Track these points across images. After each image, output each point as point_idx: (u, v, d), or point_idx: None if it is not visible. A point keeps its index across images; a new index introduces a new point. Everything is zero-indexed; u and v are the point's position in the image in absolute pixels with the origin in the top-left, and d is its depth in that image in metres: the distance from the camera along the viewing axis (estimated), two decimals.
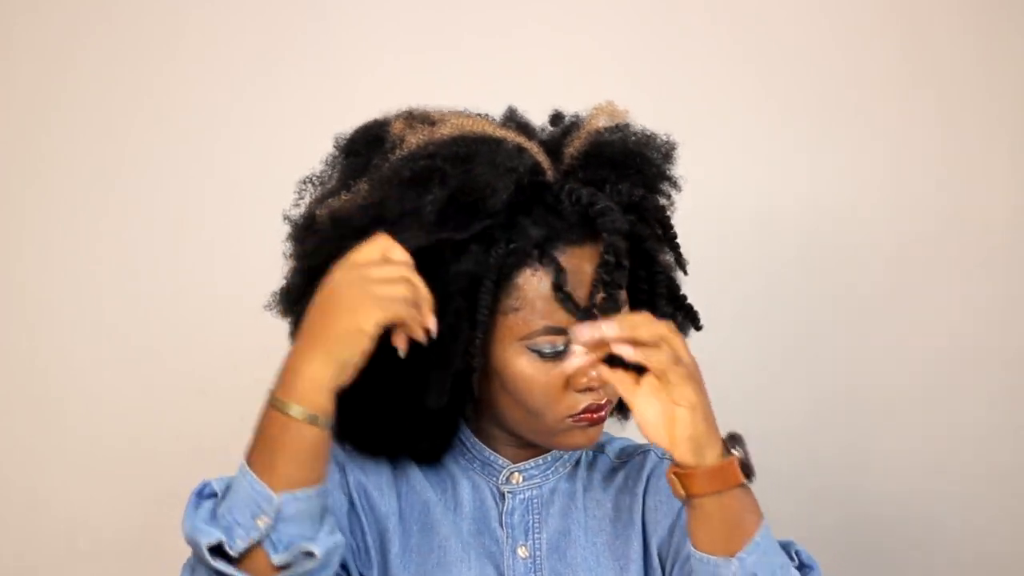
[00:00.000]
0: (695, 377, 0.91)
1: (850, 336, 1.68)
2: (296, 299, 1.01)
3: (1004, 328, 1.65)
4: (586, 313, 0.97)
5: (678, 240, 1.07)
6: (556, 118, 1.10)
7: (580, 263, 0.98)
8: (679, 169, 1.11)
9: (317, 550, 0.90)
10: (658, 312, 1.06)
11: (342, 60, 1.71)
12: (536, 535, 1.06)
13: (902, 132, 1.66)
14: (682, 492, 0.91)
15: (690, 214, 1.60)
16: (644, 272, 1.05)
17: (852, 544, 1.69)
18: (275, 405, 0.90)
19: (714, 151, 1.67)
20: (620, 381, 0.92)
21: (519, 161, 0.97)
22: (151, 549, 1.73)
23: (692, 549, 0.93)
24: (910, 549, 1.67)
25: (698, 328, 1.10)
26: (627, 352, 0.90)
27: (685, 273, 1.09)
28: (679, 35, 1.69)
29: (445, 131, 0.98)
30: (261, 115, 1.72)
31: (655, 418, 0.91)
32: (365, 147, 1.02)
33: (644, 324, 0.91)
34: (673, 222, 1.08)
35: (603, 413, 1.02)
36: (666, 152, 1.07)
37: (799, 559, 0.97)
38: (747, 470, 0.92)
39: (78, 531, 1.73)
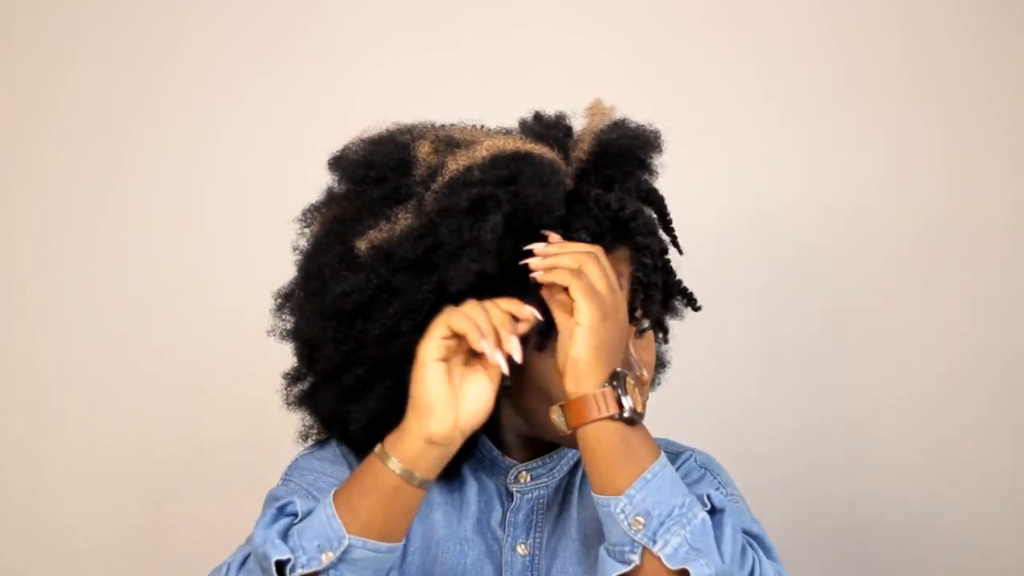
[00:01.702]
0: (599, 300, 0.91)
1: (850, 336, 1.68)
2: (334, 333, 0.99)
3: (1004, 328, 1.65)
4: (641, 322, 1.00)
5: (673, 227, 1.08)
6: (538, 119, 1.09)
7: (616, 269, 0.98)
8: (680, 168, 1.12)
9: None
10: (670, 300, 1.09)
11: (342, 60, 1.72)
12: (537, 533, 1.07)
13: (902, 132, 1.66)
14: (562, 424, 0.92)
15: (691, 214, 1.61)
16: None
17: (852, 546, 1.69)
18: (379, 456, 0.93)
19: (714, 151, 1.67)
20: (561, 304, 0.93)
21: (560, 172, 0.97)
22: (151, 549, 1.73)
23: (592, 495, 0.94)
24: (911, 551, 1.67)
25: (696, 309, 1.11)
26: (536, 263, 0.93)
27: (680, 253, 1.09)
28: (679, 35, 1.69)
29: (483, 152, 0.97)
30: (261, 115, 1.72)
31: (563, 348, 0.92)
32: (390, 172, 0.99)
33: (567, 247, 0.94)
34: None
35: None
36: (655, 141, 1.07)
37: (711, 503, 0.94)
38: (621, 405, 0.91)
39: (78, 531, 1.74)
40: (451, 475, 1.07)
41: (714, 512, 0.93)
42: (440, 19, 1.71)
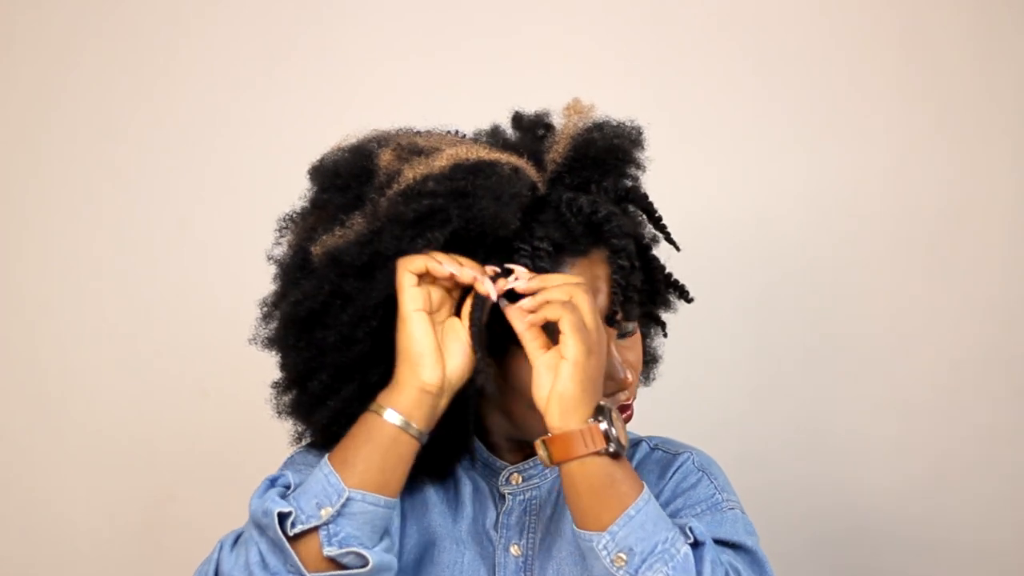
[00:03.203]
0: (586, 337, 0.91)
1: (851, 337, 1.68)
2: (295, 341, 1.00)
3: (1007, 331, 1.65)
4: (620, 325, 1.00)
5: (664, 222, 1.08)
6: (518, 120, 1.08)
7: (592, 272, 0.99)
8: (681, 168, 1.11)
9: (371, 557, 0.93)
10: (659, 295, 1.09)
11: (343, 61, 1.72)
12: (531, 534, 1.07)
13: (902, 132, 1.66)
14: (546, 458, 0.92)
15: (691, 214, 1.61)
16: (641, 259, 1.05)
17: (852, 550, 1.68)
18: (374, 410, 0.95)
19: (714, 151, 1.67)
20: (531, 338, 0.93)
21: (519, 184, 0.96)
22: (151, 549, 1.73)
23: (573, 527, 0.94)
24: (911, 557, 1.67)
25: (689, 301, 1.11)
26: (527, 302, 0.93)
27: (678, 250, 1.09)
28: (680, 35, 1.69)
29: (441, 162, 0.96)
30: (261, 116, 1.72)
31: (546, 382, 0.92)
32: (353, 180, 1.00)
33: (554, 280, 0.93)
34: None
35: (630, 412, 1.03)
36: (636, 138, 1.06)
37: (693, 535, 0.94)
38: (608, 439, 0.90)
39: (78, 531, 1.74)
40: (446, 475, 1.08)
41: (696, 545, 0.93)
42: (441, 20, 1.71)
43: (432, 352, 0.94)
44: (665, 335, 1.16)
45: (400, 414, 0.94)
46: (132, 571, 1.74)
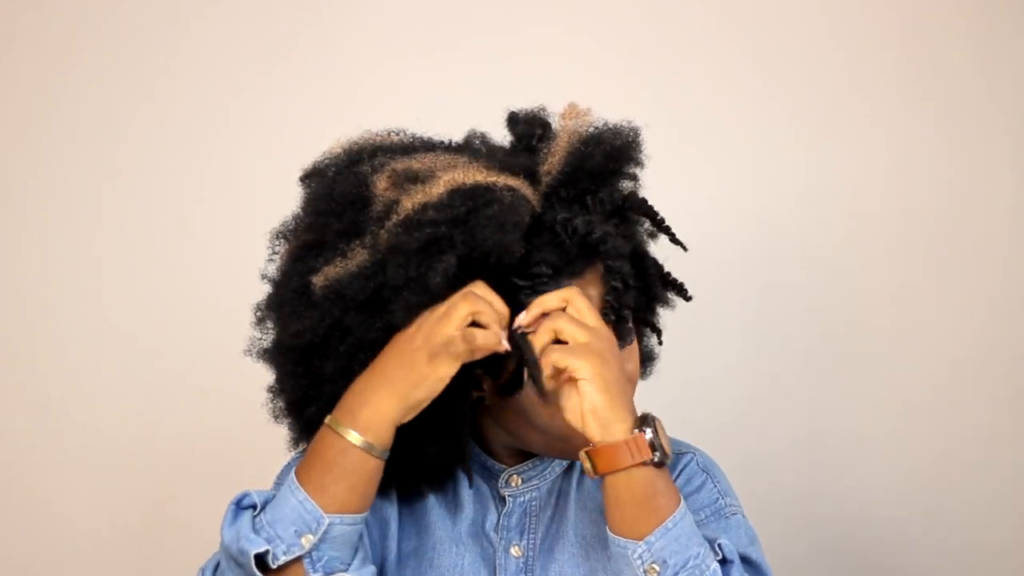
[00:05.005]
0: (586, 350, 0.90)
1: (851, 337, 1.68)
2: (293, 368, 1.00)
3: (1008, 331, 1.65)
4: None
5: (667, 223, 1.06)
6: (513, 120, 1.07)
7: (585, 292, 0.96)
8: (681, 168, 1.11)
9: None
10: (657, 298, 1.08)
11: (343, 61, 1.72)
12: (532, 535, 1.07)
13: (902, 132, 1.66)
14: (591, 470, 0.92)
15: (691, 215, 1.61)
16: (637, 267, 1.04)
17: (852, 552, 1.68)
18: (336, 430, 0.94)
19: (714, 151, 1.67)
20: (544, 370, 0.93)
21: (521, 210, 0.95)
22: (151, 549, 1.73)
23: (608, 531, 0.94)
24: (914, 559, 1.67)
25: (687, 299, 1.09)
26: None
27: (685, 250, 1.07)
28: (680, 35, 1.69)
29: (439, 189, 0.94)
30: (261, 116, 1.72)
31: (573, 403, 0.92)
32: (348, 207, 0.98)
33: (536, 319, 0.93)
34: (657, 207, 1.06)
35: None
36: (633, 141, 1.04)
37: (722, 552, 0.94)
38: (654, 448, 0.90)
39: (78, 531, 1.74)
40: (445, 478, 1.08)
41: (724, 562, 0.93)
42: (441, 20, 1.71)
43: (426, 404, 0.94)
44: (660, 343, 1.15)
45: (379, 446, 0.94)
46: (132, 571, 1.74)
